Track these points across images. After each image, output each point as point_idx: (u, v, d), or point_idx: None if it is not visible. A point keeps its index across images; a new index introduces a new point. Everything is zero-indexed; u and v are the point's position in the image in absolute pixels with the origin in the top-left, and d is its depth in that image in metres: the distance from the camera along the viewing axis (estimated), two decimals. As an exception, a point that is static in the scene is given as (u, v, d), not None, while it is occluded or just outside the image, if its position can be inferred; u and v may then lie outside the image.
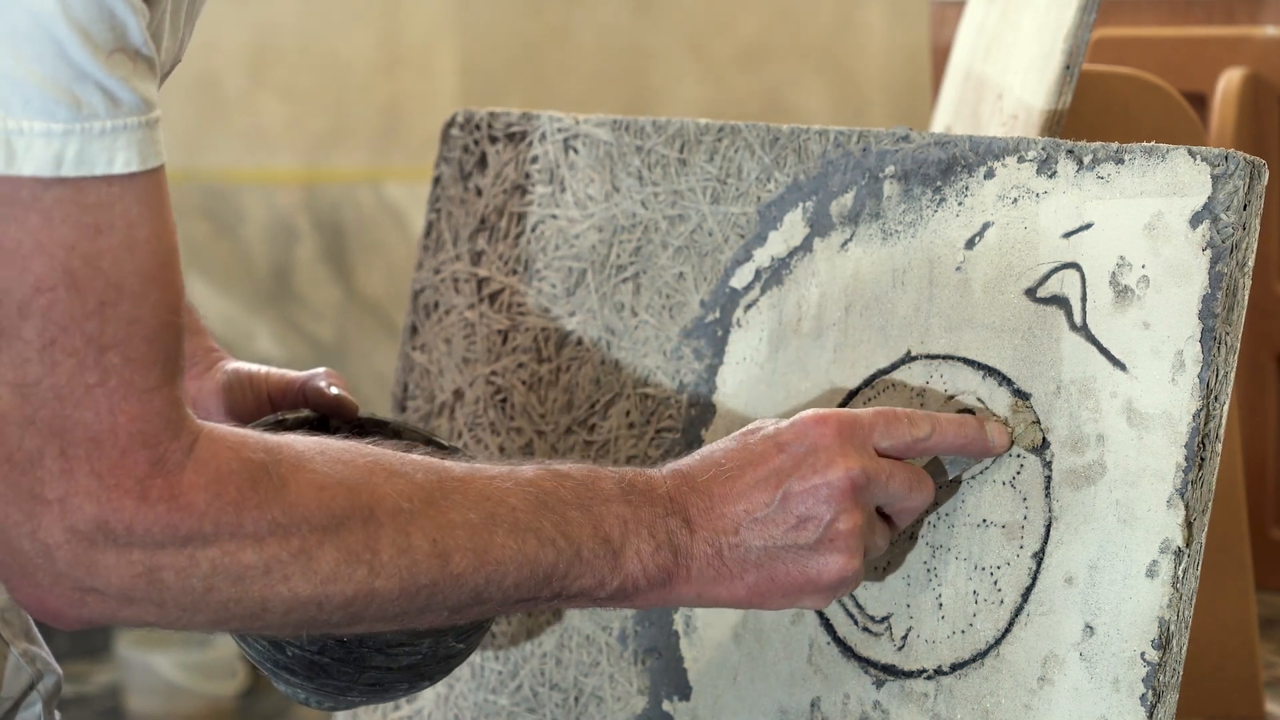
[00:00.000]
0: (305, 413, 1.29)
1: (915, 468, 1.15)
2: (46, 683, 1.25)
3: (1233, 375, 1.13)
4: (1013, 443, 1.17)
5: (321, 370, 1.30)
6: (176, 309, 0.99)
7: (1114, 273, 1.15)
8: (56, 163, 0.95)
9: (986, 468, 1.18)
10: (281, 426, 1.26)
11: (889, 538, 1.16)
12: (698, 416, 1.32)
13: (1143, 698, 1.11)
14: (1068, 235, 1.17)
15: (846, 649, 1.22)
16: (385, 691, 1.21)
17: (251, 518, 0.99)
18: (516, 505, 1.07)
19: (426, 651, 1.18)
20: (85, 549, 0.97)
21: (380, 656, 1.17)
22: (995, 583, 1.16)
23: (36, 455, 0.96)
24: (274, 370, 1.32)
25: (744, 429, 1.15)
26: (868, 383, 1.24)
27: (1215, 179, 1.13)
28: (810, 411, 1.13)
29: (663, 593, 1.12)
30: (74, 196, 0.95)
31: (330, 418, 1.30)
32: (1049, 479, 1.15)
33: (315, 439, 1.05)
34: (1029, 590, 1.15)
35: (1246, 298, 1.13)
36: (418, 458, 1.08)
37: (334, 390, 1.29)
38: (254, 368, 1.32)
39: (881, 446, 1.13)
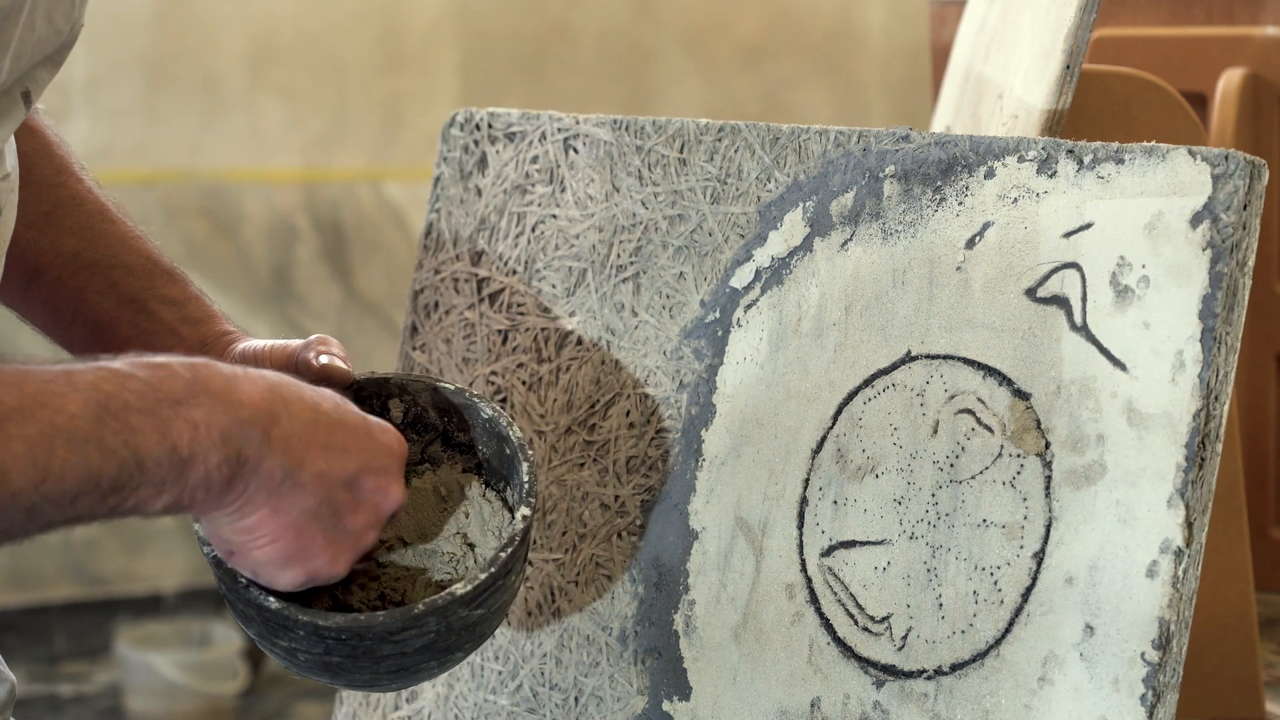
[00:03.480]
0: None
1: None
2: (0, 692, 1.24)
3: (1233, 375, 1.13)
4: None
5: (313, 339, 1.28)
6: None
7: (1114, 273, 1.15)
8: None
9: (986, 468, 1.18)
10: None
11: None
12: (698, 416, 1.32)
13: (1143, 698, 1.11)
14: (1068, 235, 1.17)
15: (846, 649, 1.22)
16: (414, 673, 1.19)
17: None
18: (76, 413, 1.00)
19: (437, 629, 1.17)
20: None
21: (389, 645, 1.16)
22: (995, 583, 1.16)
23: None
24: (278, 343, 1.30)
25: (353, 404, 1.17)
26: (868, 382, 1.24)
27: (1215, 179, 1.13)
28: (394, 430, 1.17)
29: (219, 503, 1.08)
30: None
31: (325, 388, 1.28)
32: (1049, 479, 1.15)
33: None
34: (1029, 590, 1.15)
35: (1246, 298, 1.13)
36: None
37: (323, 360, 1.27)
38: (260, 344, 1.30)
39: None
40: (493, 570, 1.19)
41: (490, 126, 1.46)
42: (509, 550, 1.20)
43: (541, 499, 1.38)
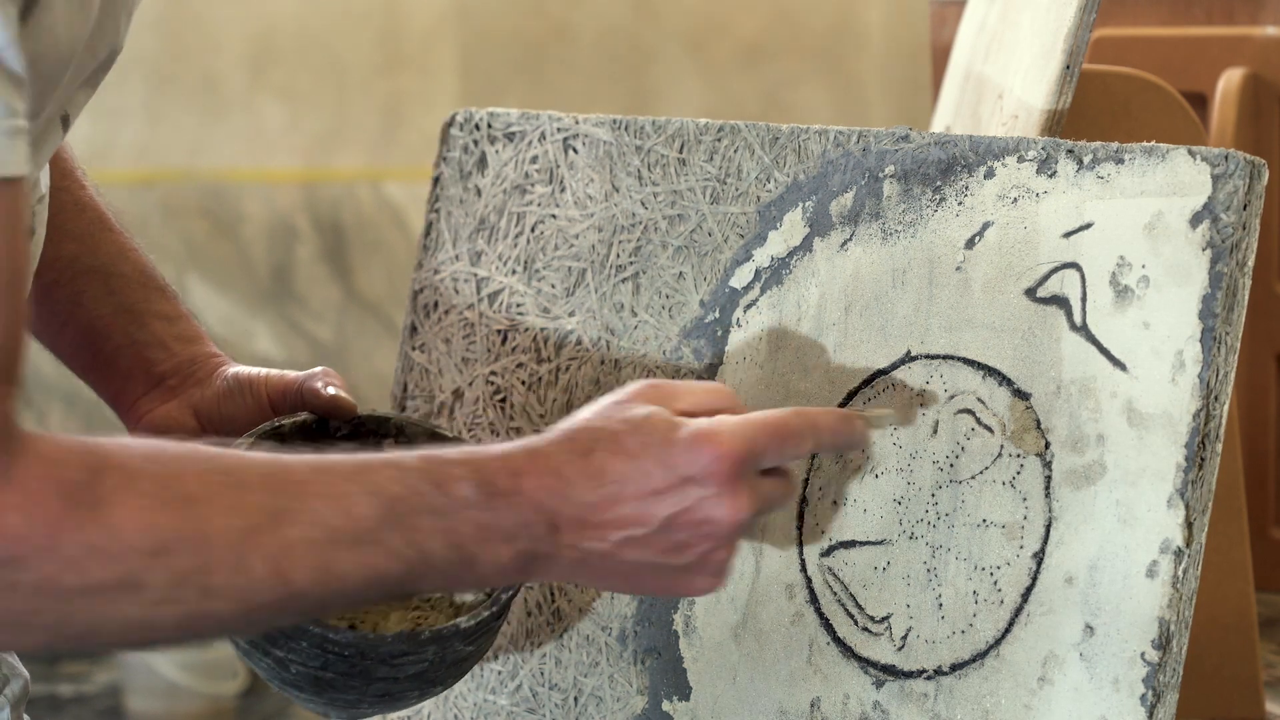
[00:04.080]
0: (303, 416, 1.28)
1: (787, 481, 1.15)
2: (14, 687, 1.24)
3: (1233, 375, 1.13)
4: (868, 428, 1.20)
5: (319, 370, 1.29)
6: (16, 331, 0.95)
7: (1114, 273, 1.15)
8: None
9: (986, 468, 1.18)
10: (278, 433, 1.26)
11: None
12: (697, 416, 1.32)
13: (1143, 698, 1.11)
14: (1068, 235, 1.17)
15: (846, 649, 1.22)
16: (396, 700, 1.20)
17: (70, 541, 0.94)
18: (361, 515, 1.02)
19: (433, 658, 1.18)
20: None
21: (385, 668, 1.17)
22: (995, 583, 1.16)
23: None
24: (273, 372, 1.31)
25: (631, 426, 1.09)
26: (867, 382, 1.24)
27: (1215, 179, 1.13)
28: (709, 435, 1.09)
29: (519, 580, 1.09)
30: None
31: (329, 419, 1.29)
32: (1049, 479, 1.15)
33: (151, 444, 1.00)
34: (1029, 590, 1.15)
35: (1246, 298, 1.13)
36: (258, 459, 1.02)
37: (331, 390, 1.28)
38: (253, 371, 1.31)
39: (767, 466, 1.12)
40: (494, 609, 1.20)
41: (490, 126, 1.46)
42: (509, 593, 1.21)
43: None
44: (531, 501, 1.06)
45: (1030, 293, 1.18)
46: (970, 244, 1.21)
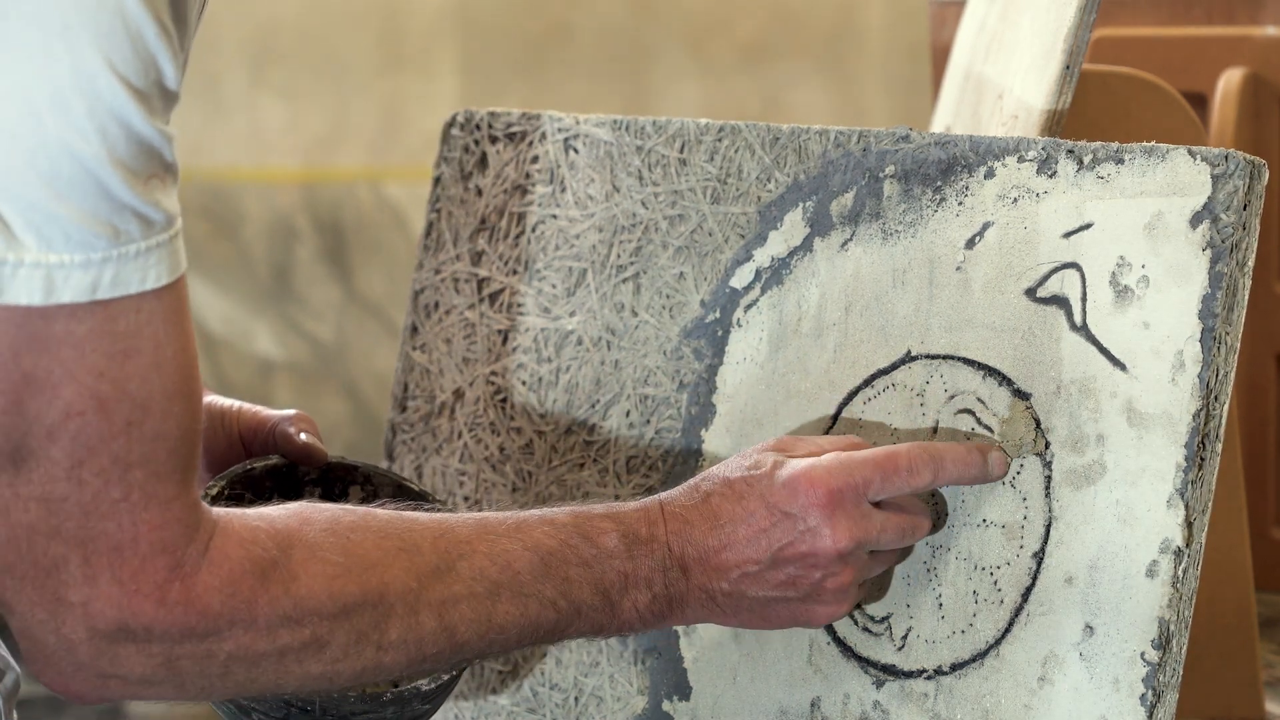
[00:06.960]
0: (274, 459, 1.28)
1: (909, 516, 1.16)
2: (6, 681, 1.24)
3: (1233, 375, 1.13)
4: (1010, 462, 1.18)
5: (292, 413, 1.31)
6: (197, 416, 1.02)
7: (1114, 273, 1.15)
8: (93, 289, 0.97)
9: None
10: (249, 475, 1.26)
11: (888, 563, 1.19)
12: (698, 416, 1.32)
13: (1143, 698, 1.11)
14: (1068, 235, 1.17)
15: (846, 649, 1.22)
16: None
17: (264, 612, 1.03)
18: (520, 570, 1.11)
19: (391, 717, 1.19)
20: (106, 644, 1.01)
21: None
22: (995, 583, 1.17)
23: (61, 561, 0.99)
24: (246, 407, 1.32)
25: (742, 471, 1.16)
26: (867, 382, 1.24)
27: (1215, 179, 1.13)
28: (805, 472, 1.14)
29: (657, 626, 1.17)
30: (105, 325, 0.97)
31: (299, 464, 1.29)
32: (1049, 479, 1.16)
33: (327, 515, 1.08)
34: (1029, 590, 1.15)
35: (1246, 298, 1.13)
36: (425, 522, 1.11)
37: (303, 437, 1.29)
38: (226, 403, 1.32)
39: (876, 498, 1.15)
40: (453, 672, 1.21)
41: (490, 126, 1.46)
42: None
43: None
44: (665, 547, 1.15)
45: (1030, 293, 1.18)
46: (970, 244, 1.21)
